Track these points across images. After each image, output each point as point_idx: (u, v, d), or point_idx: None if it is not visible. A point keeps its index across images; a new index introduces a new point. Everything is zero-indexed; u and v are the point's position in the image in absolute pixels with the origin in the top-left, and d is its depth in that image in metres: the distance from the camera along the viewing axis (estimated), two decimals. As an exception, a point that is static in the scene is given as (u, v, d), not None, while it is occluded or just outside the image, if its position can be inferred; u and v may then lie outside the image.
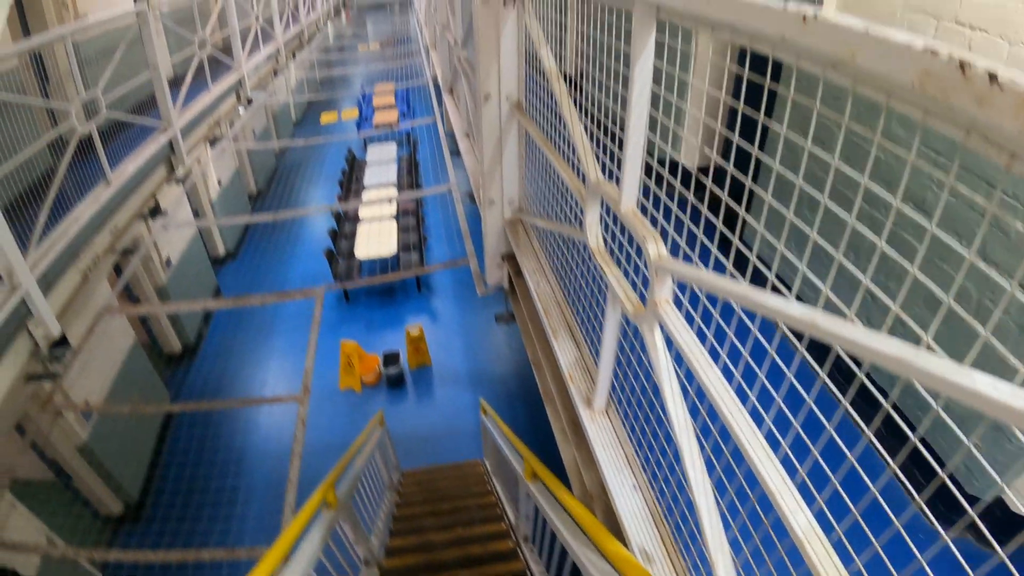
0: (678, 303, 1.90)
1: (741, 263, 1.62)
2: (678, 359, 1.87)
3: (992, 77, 0.70)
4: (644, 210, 2.02)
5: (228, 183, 13.34)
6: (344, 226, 12.87)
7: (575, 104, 2.57)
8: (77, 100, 5.39)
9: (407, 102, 19.43)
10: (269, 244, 13.56)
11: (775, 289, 1.36)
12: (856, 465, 1.27)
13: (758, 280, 1.52)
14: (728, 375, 1.70)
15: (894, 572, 1.21)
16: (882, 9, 3.98)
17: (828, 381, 1.32)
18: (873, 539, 1.22)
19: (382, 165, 15.40)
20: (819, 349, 1.27)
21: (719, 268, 1.65)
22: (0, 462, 5.80)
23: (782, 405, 1.51)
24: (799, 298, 1.27)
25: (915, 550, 1.15)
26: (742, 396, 1.65)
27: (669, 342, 1.90)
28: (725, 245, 1.70)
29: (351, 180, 15.25)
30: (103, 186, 5.73)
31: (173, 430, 8.79)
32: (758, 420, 1.60)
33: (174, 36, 8.29)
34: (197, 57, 8.47)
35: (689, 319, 1.84)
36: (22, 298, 4.32)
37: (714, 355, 1.75)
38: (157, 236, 8.27)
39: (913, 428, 1.06)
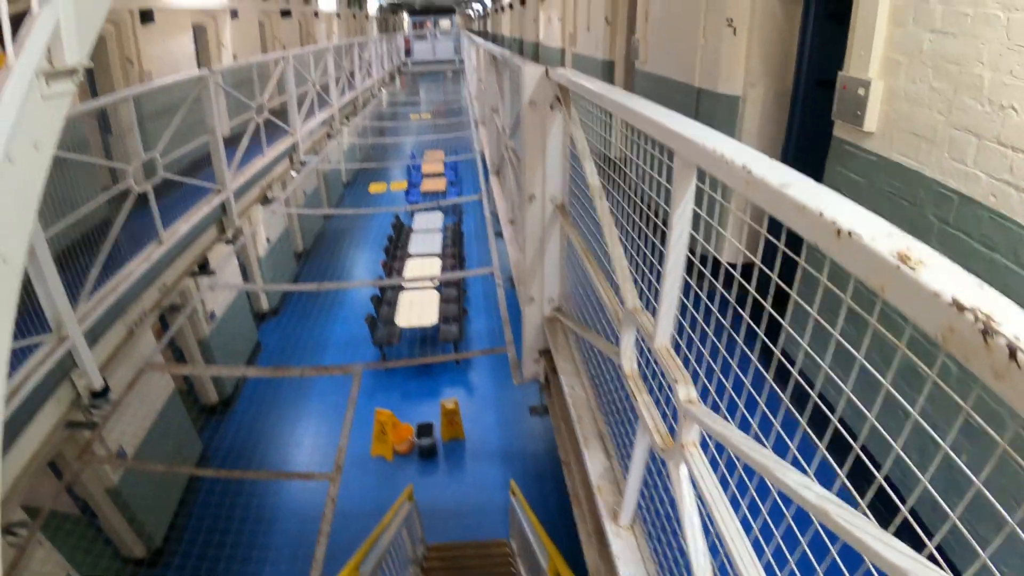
0: (706, 443, 1.91)
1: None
2: (702, 497, 1.87)
3: (1012, 353, 0.70)
4: (679, 344, 2.04)
5: (276, 241, 13.64)
6: (387, 292, 13.02)
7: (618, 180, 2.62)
8: (137, 160, 5.62)
9: (455, 171, 19.82)
10: (312, 303, 13.77)
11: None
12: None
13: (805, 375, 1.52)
14: (747, 526, 1.69)
15: None
16: (924, 124, 3.99)
17: (839, 560, 1.31)
18: None
19: (428, 234, 15.61)
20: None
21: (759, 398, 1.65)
22: (38, 498, 5.86)
23: (795, 568, 1.50)
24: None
25: None
26: (759, 549, 1.64)
27: (694, 481, 1.90)
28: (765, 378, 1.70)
29: (396, 246, 15.49)
30: (155, 245, 5.92)
31: (203, 481, 8.83)
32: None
33: (233, 98, 8.58)
34: (254, 122, 8.76)
35: (714, 463, 1.83)
36: (68, 349, 4.44)
37: (735, 503, 1.74)
38: (204, 294, 8.46)
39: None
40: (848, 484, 1.28)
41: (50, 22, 2.47)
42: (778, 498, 1.55)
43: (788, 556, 1.52)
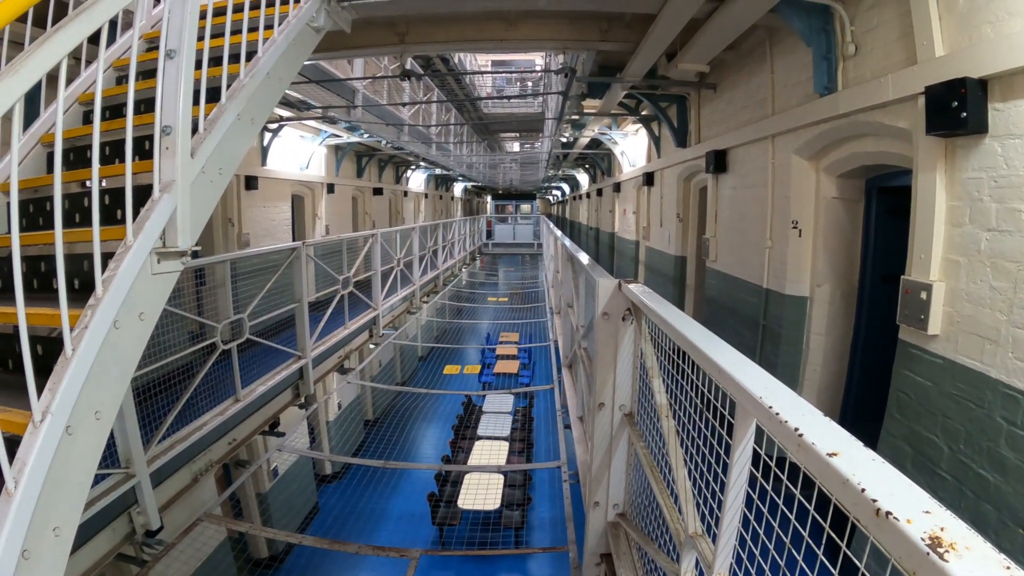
0: None
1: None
2: None
3: None
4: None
5: (347, 407, 13.89)
6: (451, 472, 12.95)
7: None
8: (226, 321, 6.04)
9: (529, 355, 20.20)
10: (375, 473, 13.74)
11: None
12: None
13: None
14: None
15: None
16: (986, 324, 4.02)
17: None
18: None
19: (498, 416, 15.53)
20: None
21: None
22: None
23: None
24: None
25: None
26: None
27: None
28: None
29: (464, 426, 15.48)
30: (231, 401, 6.18)
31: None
32: None
33: (320, 267, 9.07)
34: (339, 295, 9.23)
35: None
36: (133, 486, 4.59)
37: None
38: (271, 453, 8.66)
39: None
40: None
41: (168, 209, 2.80)
42: None
43: None
